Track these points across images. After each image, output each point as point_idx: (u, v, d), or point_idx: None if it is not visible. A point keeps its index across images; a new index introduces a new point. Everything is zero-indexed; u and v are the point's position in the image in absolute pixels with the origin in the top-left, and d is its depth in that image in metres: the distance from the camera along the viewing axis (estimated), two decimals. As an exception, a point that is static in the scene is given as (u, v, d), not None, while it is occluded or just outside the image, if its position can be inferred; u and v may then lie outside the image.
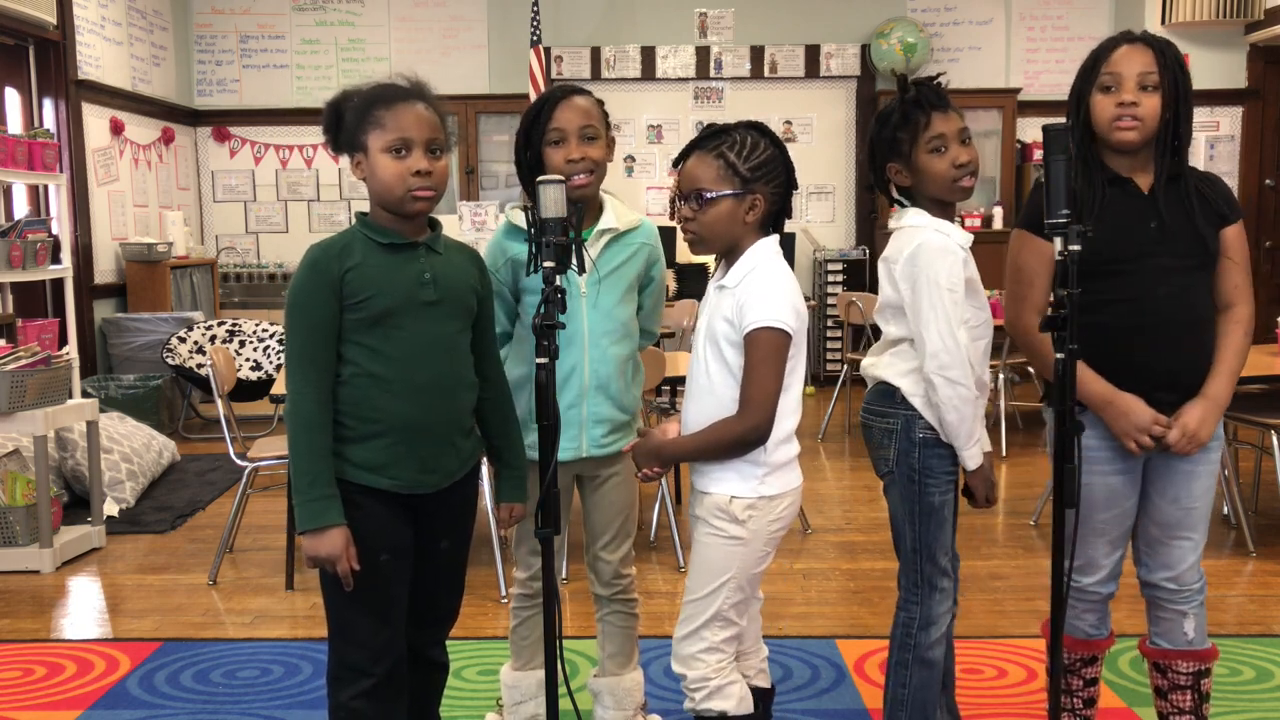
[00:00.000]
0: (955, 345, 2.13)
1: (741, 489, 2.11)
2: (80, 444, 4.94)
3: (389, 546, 2.10)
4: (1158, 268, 2.23)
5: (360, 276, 2.03)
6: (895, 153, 2.22)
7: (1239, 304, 2.29)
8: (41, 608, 3.88)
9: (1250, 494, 4.88)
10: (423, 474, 2.10)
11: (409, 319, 2.05)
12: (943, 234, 2.19)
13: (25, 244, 5.04)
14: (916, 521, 2.27)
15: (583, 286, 2.44)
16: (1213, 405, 2.25)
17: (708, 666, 2.15)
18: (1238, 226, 2.30)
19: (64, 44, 6.67)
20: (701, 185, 2.11)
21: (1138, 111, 2.21)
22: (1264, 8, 7.86)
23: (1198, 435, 2.24)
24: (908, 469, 2.25)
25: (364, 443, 2.06)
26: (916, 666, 2.30)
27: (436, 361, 2.08)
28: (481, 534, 4.41)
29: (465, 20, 8.52)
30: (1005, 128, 8.28)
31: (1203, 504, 2.33)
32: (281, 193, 8.71)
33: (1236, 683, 3.06)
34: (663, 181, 8.70)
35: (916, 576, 2.30)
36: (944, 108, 2.19)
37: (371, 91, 2.09)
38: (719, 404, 2.10)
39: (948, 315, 2.14)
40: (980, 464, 2.23)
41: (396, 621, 2.14)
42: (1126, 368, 2.24)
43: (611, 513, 2.57)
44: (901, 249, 2.20)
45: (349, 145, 2.10)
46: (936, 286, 2.14)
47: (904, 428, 2.24)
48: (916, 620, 2.30)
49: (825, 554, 4.30)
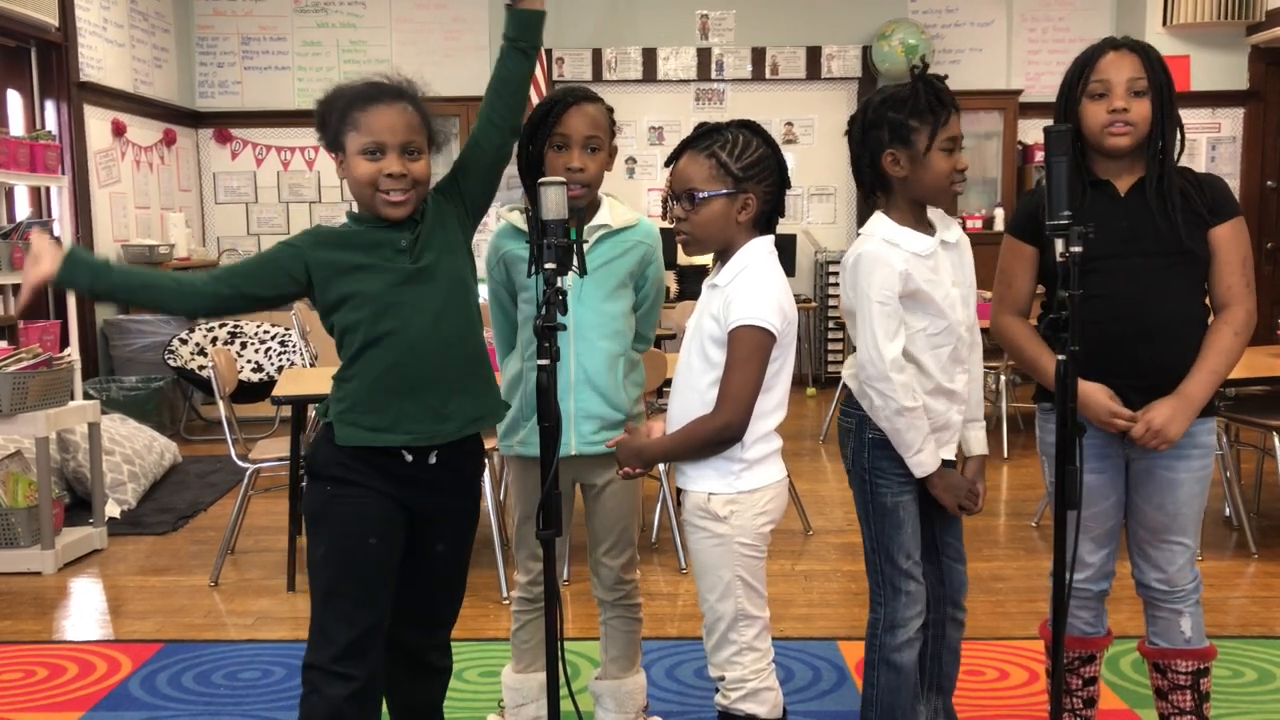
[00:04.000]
0: (879, 358, 2.13)
1: (719, 485, 2.10)
2: (82, 445, 4.94)
3: (377, 531, 2.12)
4: (1129, 267, 2.24)
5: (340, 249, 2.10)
6: (901, 140, 2.16)
7: (1232, 304, 2.27)
8: (43, 609, 3.88)
9: (1252, 495, 4.88)
10: (437, 424, 2.12)
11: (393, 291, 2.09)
12: (891, 244, 2.17)
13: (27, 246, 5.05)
14: (871, 521, 2.29)
15: (569, 280, 2.44)
16: (1184, 403, 2.23)
17: (745, 668, 2.14)
18: (1229, 226, 2.26)
19: (66, 46, 6.68)
20: (693, 185, 2.10)
21: (1129, 117, 2.23)
22: (1265, 9, 7.85)
23: (1163, 432, 2.22)
24: (860, 468, 2.28)
25: (367, 405, 2.10)
26: (883, 669, 2.31)
27: (429, 324, 2.10)
28: (483, 535, 4.40)
29: (466, 22, 8.52)
30: (1006, 129, 8.29)
31: (1189, 510, 2.31)
32: (283, 195, 8.72)
33: (1238, 684, 3.05)
34: (664, 183, 8.68)
35: (879, 577, 2.30)
36: (959, 108, 2.19)
37: (354, 91, 2.11)
38: (701, 401, 2.09)
39: (874, 328, 2.14)
40: (930, 472, 2.21)
41: (380, 610, 2.14)
42: (1096, 363, 2.23)
43: (611, 520, 2.56)
44: (849, 257, 2.22)
45: (333, 145, 2.13)
46: (866, 299, 2.15)
47: (857, 427, 2.27)
48: (881, 622, 2.31)
49: (826, 555, 4.30)
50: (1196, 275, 2.28)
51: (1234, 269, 2.26)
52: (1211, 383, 2.25)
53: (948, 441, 2.28)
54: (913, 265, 2.17)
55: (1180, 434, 2.24)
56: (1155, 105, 2.23)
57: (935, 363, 2.21)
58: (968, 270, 2.30)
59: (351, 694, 2.09)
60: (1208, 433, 2.32)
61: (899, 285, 2.15)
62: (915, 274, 2.17)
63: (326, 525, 2.14)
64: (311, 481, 2.18)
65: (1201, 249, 2.26)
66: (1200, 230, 2.26)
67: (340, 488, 2.12)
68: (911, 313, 2.18)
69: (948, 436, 2.28)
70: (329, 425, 2.15)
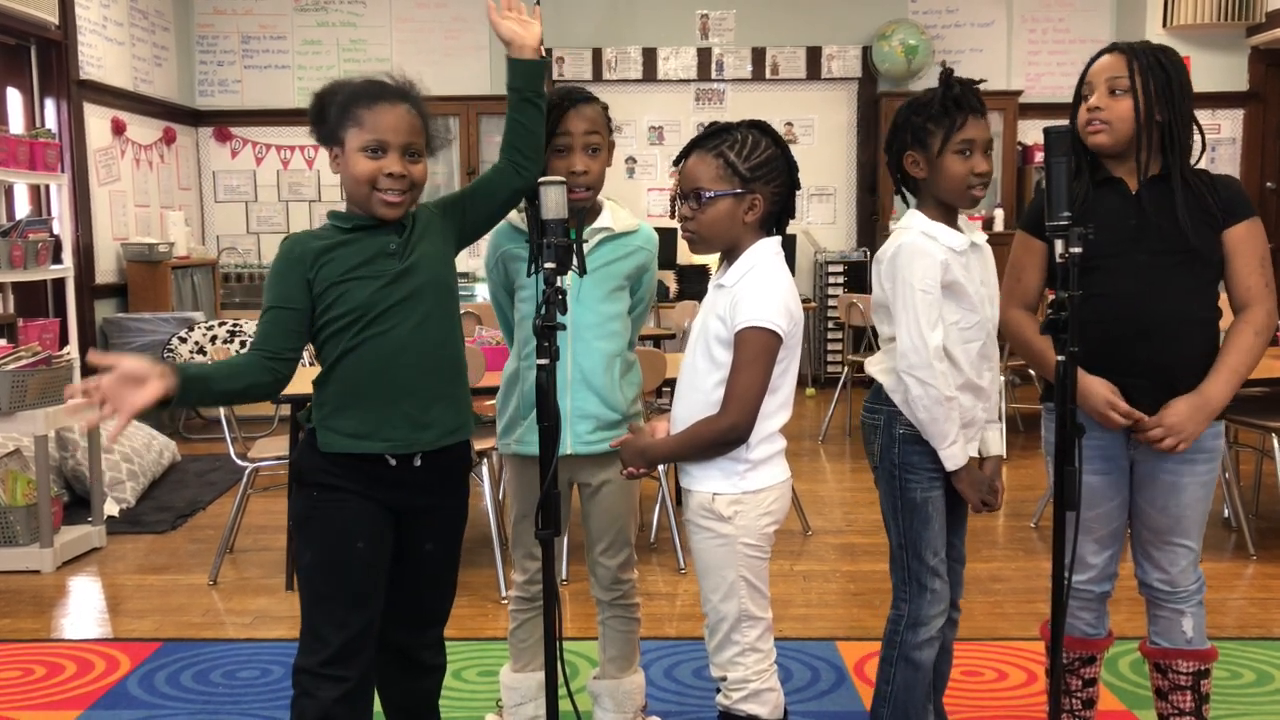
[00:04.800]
0: (923, 345, 2.15)
1: (724, 486, 2.10)
2: (81, 444, 4.95)
3: (364, 534, 2.11)
4: (1133, 264, 2.24)
5: (331, 262, 2.06)
6: (919, 143, 2.21)
7: (1252, 305, 2.26)
8: (42, 608, 3.88)
9: (1251, 497, 4.88)
10: (416, 432, 2.10)
11: (380, 295, 2.06)
12: (929, 236, 2.20)
13: (26, 244, 5.05)
14: (900, 517, 2.30)
15: (568, 280, 2.44)
16: (1202, 402, 2.23)
17: (747, 669, 2.15)
18: (1244, 227, 2.25)
19: (66, 44, 6.68)
20: (700, 184, 2.10)
21: (1104, 115, 2.25)
22: (1265, 10, 7.85)
23: (1182, 430, 2.22)
24: (889, 464, 2.29)
25: (348, 411, 2.09)
26: (901, 665, 2.31)
27: (412, 331, 2.08)
28: (482, 534, 4.40)
29: (467, 21, 8.52)
30: (1006, 130, 8.28)
31: (1194, 514, 2.31)
32: (283, 193, 8.72)
33: (1237, 685, 3.06)
34: (664, 183, 8.70)
35: (904, 574, 2.31)
36: (981, 113, 2.20)
37: (356, 87, 2.09)
38: (706, 401, 2.10)
39: (918, 316, 2.16)
40: (960, 465, 2.22)
41: (370, 612, 2.13)
42: (1099, 361, 2.23)
43: (607, 520, 2.56)
44: (887, 249, 2.24)
45: (329, 139, 2.11)
46: (909, 287, 2.17)
47: (886, 423, 2.28)
48: (905, 618, 2.32)
49: (826, 556, 4.30)
50: (1202, 275, 2.27)
51: (1252, 269, 2.25)
52: (1232, 383, 2.24)
53: (972, 438, 2.28)
54: (950, 258, 2.19)
55: (1198, 433, 2.24)
56: (1142, 104, 2.22)
57: (966, 357, 2.22)
58: (990, 273, 2.31)
59: (342, 695, 2.09)
60: (1214, 437, 2.31)
61: (940, 274, 2.17)
62: (953, 266, 2.19)
63: (313, 531, 2.13)
64: (297, 487, 2.18)
65: (1211, 249, 2.25)
66: (1211, 230, 2.25)
67: (326, 493, 2.11)
68: (946, 305, 2.20)
69: (973, 433, 2.28)
70: (312, 431, 2.14)
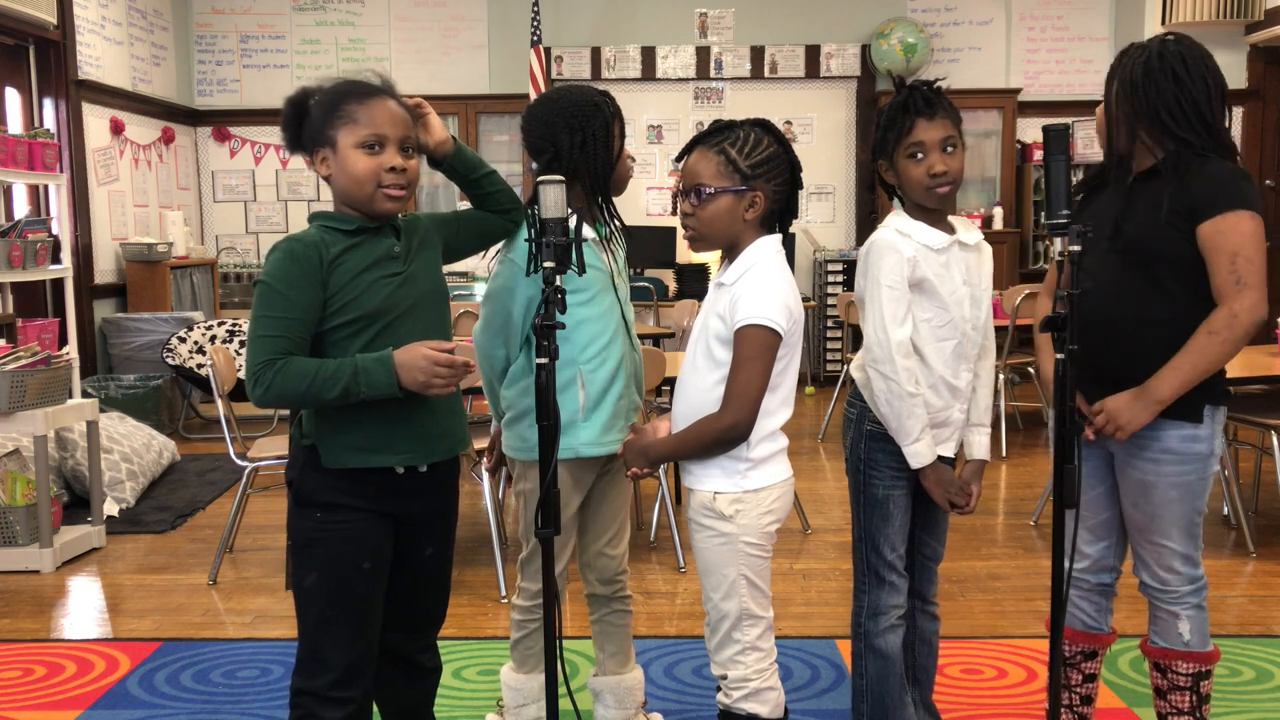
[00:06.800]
0: (886, 340, 2.18)
1: (725, 485, 2.11)
2: (80, 444, 4.95)
3: (370, 555, 2.08)
4: (1099, 264, 2.26)
5: (341, 265, 2.01)
6: (882, 152, 2.27)
7: (1220, 304, 2.21)
8: (41, 607, 3.88)
9: (1250, 494, 4.88)
10: (431, 442, 2.09)
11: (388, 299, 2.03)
12: (902, 234, 2.22)
13: (25, 244, 5.05)
14: (861, 511, 2.34)
15: (615, 277, 2.48)
16: (1142, 394, 2.23)
17: (747, 668, 2.15)
18: (1213, 224, 2.18)
19: (64, 44, 6.68)
20: (701, 180, 2.10)
21: (1097, 124, 2.36)
22: (1264, 8, 7.86)
23: (1118, 416, 2.25)
24: (856, 459, 2.34)
25: (355, 423, 2.03)
26: (870, 656, 2.35)
27: (421, 339, 2.01)
28: (481, 534, 4.40)
29: (466, 20, 8.52)
30: (1005, 128, 8.28)
31: (1168, 514, 2.29)
32: (282, 193, 8.72)
33: (1236, 683, 3.06)
34: (663, 181, 8.70)
35: (863, 565, 2.36)
36: (930, 114, 2.19)
37: (341, 86, 2.04)
38: (706, 400, 2.10)
39: (882, 311, 2.19)
40: (926, 464, 2.22)
41: (374, 630, 2.11)
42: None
43: (613, 510, 2.59)
44: (864, 247, 2.29)
45: (313, 141, 2.05)
46: (876, 283, 2.20)
47: (858, 419, 2.34)
48: (864, 609, 2.36)
49: (825, 554, 4.30)
50: (1163, 276, 2.25)
51: (1218, 267, 2.19)
52: (1174, 379, 2.21)
53: (947, 439, 2.28)
54: (922, 256, 2.21)
55: (1137, 425, 2.24)
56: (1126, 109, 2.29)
57: (938, 355, 2.23)
58: (985, 274, 2.31)
59: (347, 716, 2.07)
60: (1183, 440, 2.26)
61: (907, 271, 2.19)
62: (924, 264, 2.20)
63: (318, 555, 2.06)
64: (299, 508, 2.09)
65: (1175, 248, 2.22)
66: (1175, 230, 2.22)
67: (330, 513, 2.05)
68: (917, 302, 2.21)
69: (948, 434, 2.28)
70: (312, 448, 2.06)
